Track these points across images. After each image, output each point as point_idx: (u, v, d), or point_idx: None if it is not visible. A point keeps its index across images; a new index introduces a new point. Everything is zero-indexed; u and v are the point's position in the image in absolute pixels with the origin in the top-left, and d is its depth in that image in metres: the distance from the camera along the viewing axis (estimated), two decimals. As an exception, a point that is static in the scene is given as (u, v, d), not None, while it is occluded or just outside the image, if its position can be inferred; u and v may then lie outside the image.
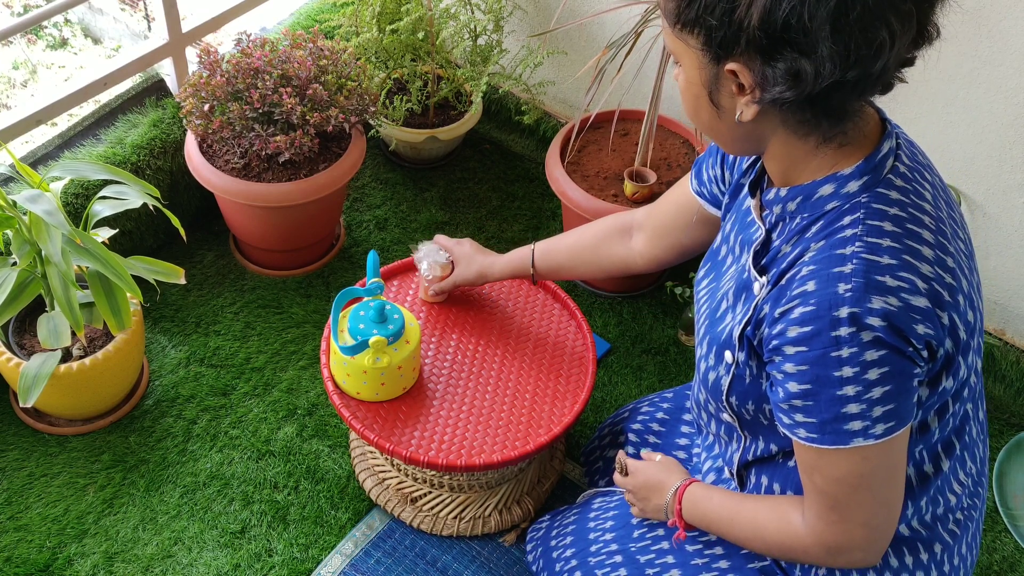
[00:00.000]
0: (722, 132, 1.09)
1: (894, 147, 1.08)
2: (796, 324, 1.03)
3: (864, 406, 1.03)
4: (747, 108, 1.02)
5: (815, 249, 1.05)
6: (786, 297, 1.05)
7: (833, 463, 1.07)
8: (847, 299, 1.00)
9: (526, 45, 2.50)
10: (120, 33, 3.88)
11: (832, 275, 1.02)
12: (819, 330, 1.01)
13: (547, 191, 2.47)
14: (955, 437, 1.20)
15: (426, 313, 1.86)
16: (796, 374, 1.05)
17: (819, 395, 1.04)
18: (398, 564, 1.79)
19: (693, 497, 1.32)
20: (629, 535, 1.43)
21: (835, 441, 1.05)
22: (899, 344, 1.00)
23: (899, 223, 1.04)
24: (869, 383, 1.02)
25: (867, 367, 1.01)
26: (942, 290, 1.04)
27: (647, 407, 1.68)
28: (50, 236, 1.56)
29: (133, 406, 1.99)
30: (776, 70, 0.96)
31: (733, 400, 1.22)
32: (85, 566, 1.75)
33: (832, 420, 1.04)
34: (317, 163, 2.11)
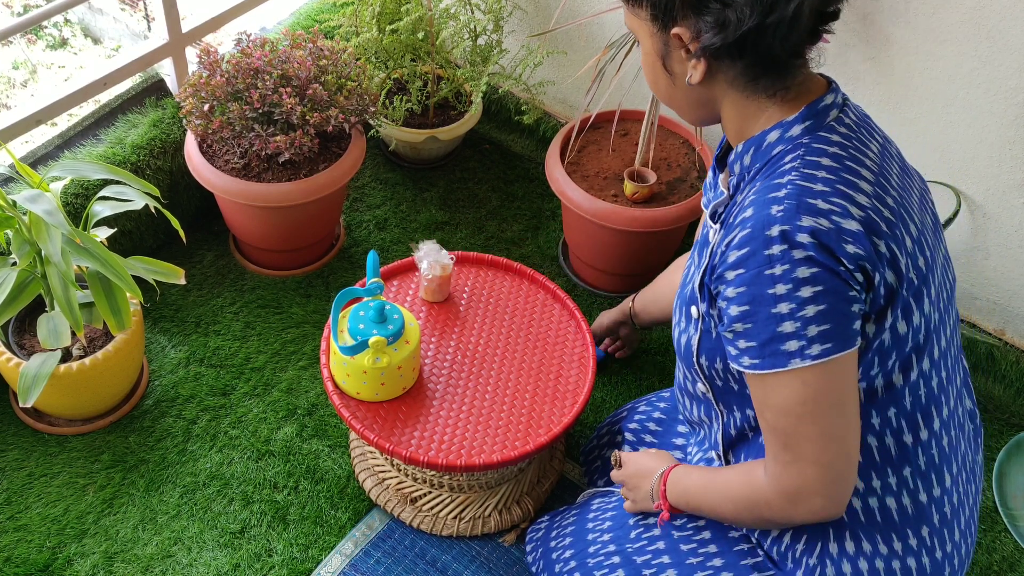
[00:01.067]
0: (679, 99, 1.19)
1: (839, 103, 1.16)
2: (735, 248, 1.09)
3: (799, 324, 1.06)
4: (695, 70, 1.13)
5: (760, 185, 1.13)
6: (731, 230, 1.12)
7: (776, 391, 1.10)
8: (778, 218, 1.06)
9: (526, 45, 2.50)
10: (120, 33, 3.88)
11: (768, 200, 1.09)
12: (754, 250, 1.07)
13: (547, 191, 2.47)
14: (934, 407, 1.20)
15: (426, 313, 1.86)
16: (735, 297, 1.10)
17: (756, 315, 1.08)
18: (398, 564, 1.79)
19: (675, 477, 1.35)
20: (626, 535, 1.43)
21: (774, 364, 1.08)
22: (830, 263, 1.05)
23: (838, 160, 1.11)
24: (802, 300, 1.05)
25: (800, 284, 1.05)
26: (878, 219, 1.09)
27: (644, 406, 1.68)
28: (50, 236, 1.56)
29: (133, 406, 1.99)
30: (706, 22, 1.08)
31: (703, 361, 1.25)
32: (85, 566, 1.75)
33: (769, 340, 1.08)
34: (317, 163, 2.11)
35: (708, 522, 1.37)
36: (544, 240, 2.42)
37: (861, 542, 1.22)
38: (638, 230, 2.09)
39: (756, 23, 1.05)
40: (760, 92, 1.14)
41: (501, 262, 1.95)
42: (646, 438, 1.62)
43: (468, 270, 1.94)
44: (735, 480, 1.24)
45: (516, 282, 1.94)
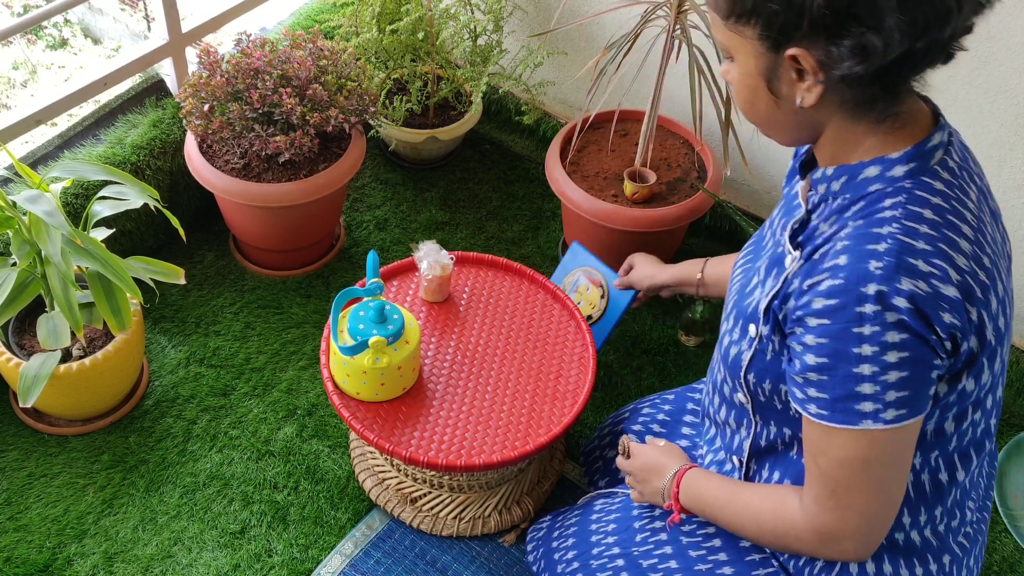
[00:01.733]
0: (780, 122, 1.09)
1: (945, 142, 1.08)
2: (822, 296, 1.03)
3: (878, 388, 1.02)
4: (809, 93, 1.02)
5: (852, 227, 1.05)
6: (816, 271, 1.06)
7: (839, 444, 1.07)
8: (876, 276, 1.00)
9: (526, 45, 2.50)
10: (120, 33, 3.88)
11: (865, 251, 1.01)
12: (844, 304, 1.01)
13: (547, 191, 2.47)
14: (973, 449, 1.19)
15: (426, 313, 1.86)
16: (815, 347, 1.04)
17: (835, 370, 1.03)
18: (398, 564, 1.79)
19: (691, 480, 1.32)
20: (631, 538, 1.42)
21: (844, 420, 1.05)
22: (923, 331, 1.00)
23: (940, 213, 1.04)
24: (886, 365, 1.01)
25: (887, 348, 1.00)
26: (975, 285, 1.03)
27: (648, 408, 1.67)
28: (50, 236, 1.56)
29: (133, 406, 1.99)
30: (842, 48, 0.96)
31: (751, 377, 1.21)
32: (85, 566, 1.75)
33: (844, 398, 1.04)
34: (317, 163, 2.11)
35: (718, 529, 1.35)
36: (544, 240, 2.42)
37: (883, 564, 1.21)
38: (638, 230, 2.09)
39: (904, 50, 0.95)
40: (870, 118, 1.05)
41: (501, 262, 1.95)
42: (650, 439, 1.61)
43: (468, 270, 1.94)
44: (763, 504, 1.21)
45: (516, 282, 1.94)
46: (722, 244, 2.44)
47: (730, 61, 1.08)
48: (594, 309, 1.93)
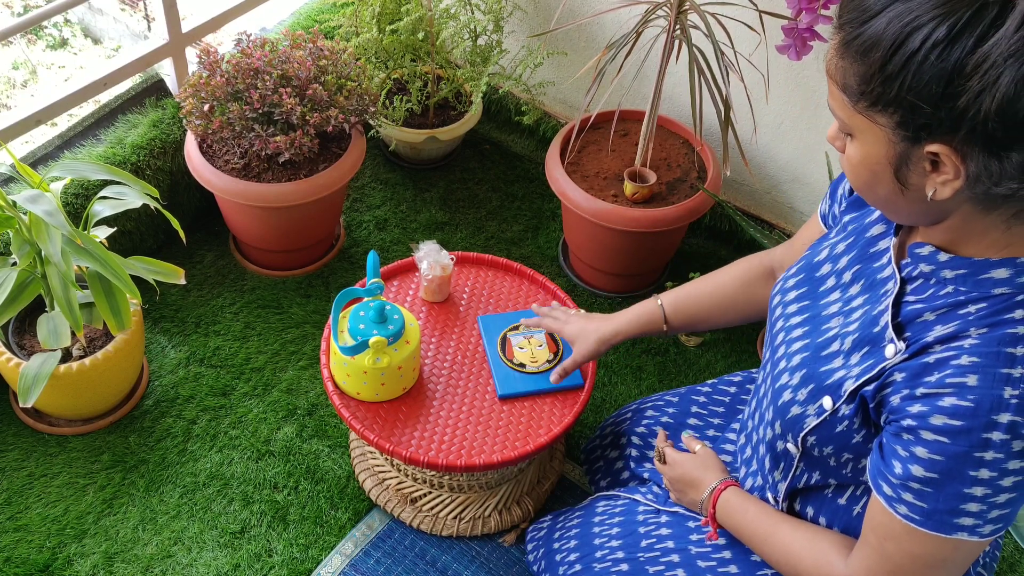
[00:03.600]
0: (900, 207, 1.00)
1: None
2: (946, 415, 0.97)
3: (984, 507, 0.99)
4: (944, 187, 0.93)
5: (977, 336, 0.97)
6: (935, 379, 0.98)
7: (921, 543, 1.03)
8: (1012, 406, 0.94)
9: (526, 45, 2.50)
10: (120, 33, 3.88)
11: (999, 376, 0.95)
12: (971, 428, 0.95)
13: (547, 191, 2.47)
14: None
15: (426, 313, 1.86)
16: (927, 461, 0.99)
17: (944, 487, 0.99)
18: (398, 564, 1.79)
19: (728, 505, 1.30)
20: (637, 543, 1.41)
21: (937, 529, 1.01)
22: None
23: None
24: (1000, 489, 0.97)
25: (1006, 475, 0.97)
26: None
27: (651, 411, 1.66)
28: (50, 236, 1.56)
29: (133, 406, 1.99)
30: (1008, 162, 0.87)
31: (811, 439, 1.15)
32: (85, 566, 1.75)
33: (946, 512, 1.00)
34: (317, 163, 2.11)
35: (729, 540, 1.34)
36: (544, 240, 2.42)
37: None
38: (638, 230, 2.09)
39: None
40: (1002, 213, 0.95)
41: (501, 262, 1.95)
42: (654, 442, 1.60)
43: (468, 270, 1.94)
44: (802, 551, 1.19)
45: (516, 282, 1.94)
46: (722, 244, 2.44)
47: (848, 137, 0.98)
48: (535, 364, 1.76)
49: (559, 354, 1.78)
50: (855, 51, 0.91)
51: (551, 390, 1.74)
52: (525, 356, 1.77)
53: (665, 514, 1.43)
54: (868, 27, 0.90)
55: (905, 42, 0.87)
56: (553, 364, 1.76)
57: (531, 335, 1.80)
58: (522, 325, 1.82)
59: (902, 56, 0.88)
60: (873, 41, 0.89)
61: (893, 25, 0.88)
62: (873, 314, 1.09)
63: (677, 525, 1.40)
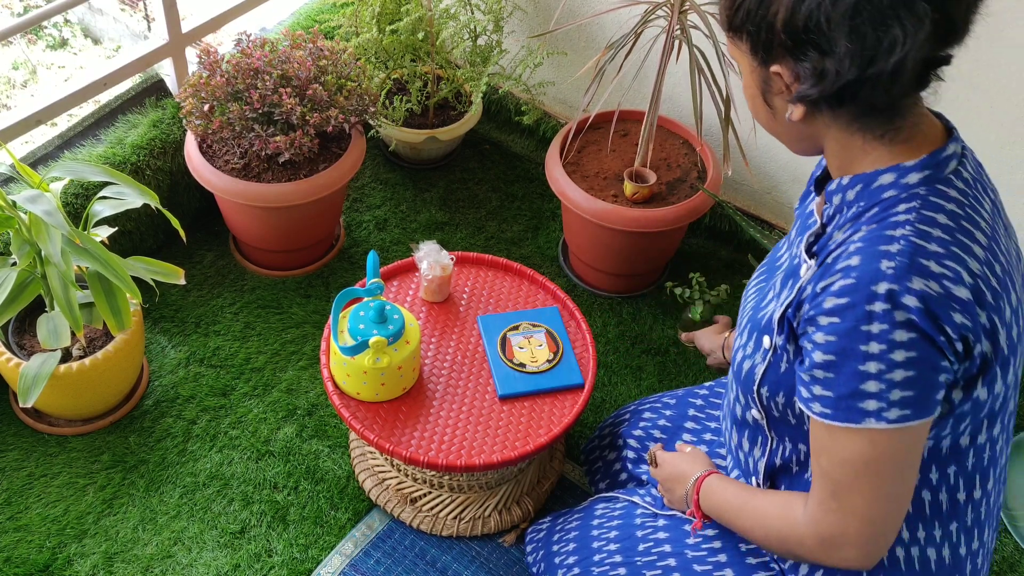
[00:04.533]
0: (780, 132, 1.15)
1: (959, 153, 1.09)
2: (834, 295, 1.05)
3: (883, 386, 1.03)
4: (796, 108, 1.07)
5: (866, 230, 1.07)
6: (830, 272, 1.07)
7: (841, 443, 1.07)
8: (888, 275, 1.01)
9: (526, 45, 2.50)
10: (120, 33, 3.88)
11: (878, 252, 1.03)
12: (855, 303, 1.03)
13: (547, 191, 2.47)
14: (992, 468, 1.19)
15: (426, 313, 1.86)
16: (824, 344, 1.06)
17: (841, 367, 1.04)
18: (398, 564, 1.79)
19: (710, 487, 1.33)
20: (634, 547, 1.42)
21: (847, 418, 1.05)
22: (931, 331, 1.01)
23: (953, 219, 1.05)
24: (893, 364, 1.02)
25: (894, 347, 1.01)
26: (986, 290, 1.04)
27: (649, 412, 1.67)
28: (50, 236, 1.56)
29: (133, 406, 1.99)
30: (804, 69, 1.02)
31: (764, 391, 1.21)
32: (85, 566, 1.75)
33: (848, 396, 1.04)
34: (317, 163, 2.11)
35: (724, 544, 1.35)
36: (544, 240, 2.42)
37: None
38: (638, 230, 2.09)
39: (855, 76, 1.00)
40: (866, 132, 1.08)
41: (501, 262, 1.95)
42: (651, 444, 1.60)
43: (468, 270, 1.94)
44: (772, 510, 1.21)
45: (516, 282, 1.94)
46: (722, 244, 2.44)
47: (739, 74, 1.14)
48: (535, 364, 1.78)
49: (559, 354, 1.78)
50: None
51: (551, 390, 1.74)
52: (525, 356, 1.77)
53: (662, 518, 1.43)
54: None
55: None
56: (553, 364, 1.77)
57: (531, 335, 1.81)
58: (522, 325, 1.82)
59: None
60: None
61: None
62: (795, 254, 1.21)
63: (674, 529, 1.40)
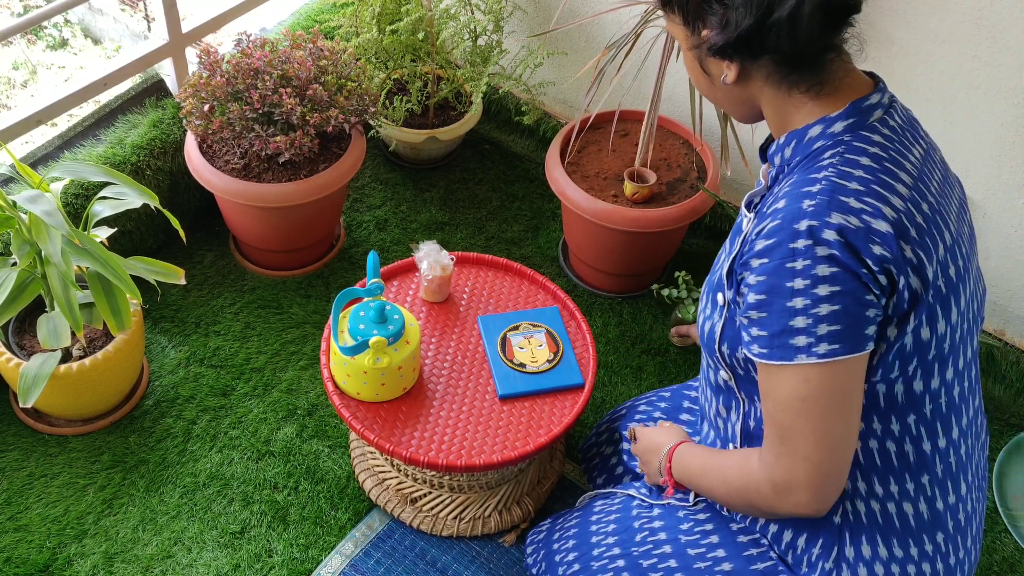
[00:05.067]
0: (720, 98, 1.22)
1: (885, 104, 1.15)
2: (763, 238, 1.10)
3: (810, 321, 1.07)
4: (729, 71, 1.15)
5: (797, 177, 1.13)
6: (762, 219, 1.14)
7: (779, 383, 1.11)
8: (808, 213, 1.07)
9: (526, 46, 2.50)
10: (120, 33, 3.88)
11: (801, 193, 1.10)
12: (780, 241, 1.08)
13: (547, 191, 2.47)
14: (953, 414, 1.21)
15: (426, 313, 1.86)
16: (756, 284, 1.11)
17: (771, 305, 1.09)
18: (398, 564, 1.79)
19: (681, 454, 1.37)
20: (631, 538, 1.43)
21: (781, 356, 1.10)
22: (852, 264, 1.05)
23: (877, 160, 1.11)
24: (818, 298, 1.06)
25: (818, 281, 1.06)
26: (909, 224, 1.10)
27: (644, 406, 1.68)
28: (50, 237, 1.56)
29: (133, 406, 1.99)
30: (711, 23, 1.12)
31: (724, 348, 1.25)
32: (85, 566, 1.75)
33: (780, 333, 1.09)
34: (317, 163, 2.11)
35: (716, 526, 1.37)
36: (544, 240, 2.42)
37: (878, 546, 1.22)
38: (638, 230, 2.09)
39: (755, 23, 1.07)
40: (795, 89, 1.15)
41: (501, 262, 1.95)
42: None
43: (468, 270, 1.94)
44: (732, 466, 1.25)
45: (516, 282, 1.94)
46: (722, 244, 2.44)
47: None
48: (535, 364, 1.78)
49: (559, 354, 1.78)
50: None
51: (551, 390, 1.74)
52: (525, 356, 1.78)
53: (657, 507, 1.45)
54: None
55: None
56: (553, 364, 1.77)
57: (531, 335, 1.81)
58: (522, 325, 1.82)
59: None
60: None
61: None
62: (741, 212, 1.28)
63: (668, 517, 1.42)
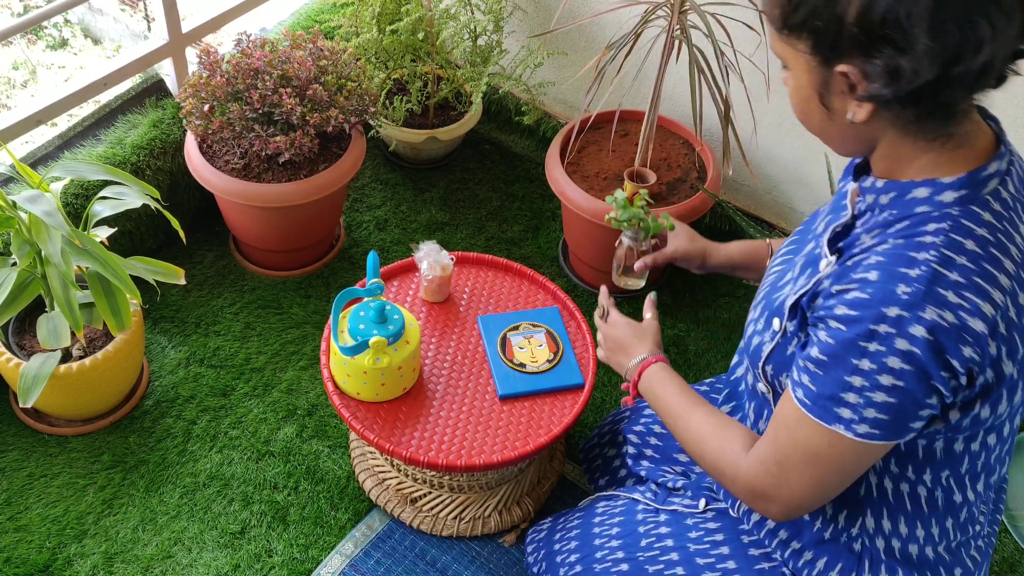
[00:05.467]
0: (833, 134, 1.09)
1: (1003, 171, 1.05)
2: (846, 305, 1.04)
3: (861, 401, 1.03)
4: (860, 108, 1.01)
5: (891, 244, 1.04)
6: (847, 278, 1.06)
7: (805, 431, 1.09)
8: (901, 300, 0.99)
9: (526, 46, 2.50)
10: (120, 33, 3.88)
11: (897, 273, 1.01)
12: (862, 318, 1.01)
13: (547, 192, 2.47)
14: (985, 472, 1.20)
15: (426, 313, 1.86)
16: (823, 344, 1.06)
17: (831, 370, 1.05)
18: (398, 564, 1.79)
19: (653, 376, 1.37)
20: (636, 543, 1.42)
21: (819, 415, 1.07)
22: (931, 367, 0.99)
23: (982, 245, 1.02)
24: (877, 385, 1.02)
25: (884, 371, 1.01)
26: (1003, 321, 1.02)
27: (649, 410, 1.67)
28: (50, 237, 1.56)
29: (133, 407, 1.99)
30: (875, 67, 0.96)
31: (769, 369, 1.22)
32: (85, 566, 1.74)
33: (828, 397, 1.06)
34: (317, 163, 2.11)
35: (727, 536, 1.36)
36: (544, 240, 2.42)
37: None
38: (638, 230, 2.09)
39: (936, 75, 0.94)
40: (920, 136, 1.03)
41: (501, 262, 1.95)
42: (651, 440, 1.60)
43: (468, 270, 1.94)
44: (711, 437, 1.25)
45: (516, 282, 1.94)
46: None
47: (787, 70, 1.07)
48: (535, 364, 1.78)
49: (559, 354, 1.78)
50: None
51: (551, 390, 1.74)
52: (525, 356, 1.77)
53: (664, 513, 1.44)
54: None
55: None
56: (553, 364, 1.77)
57: (531, 335, 1.81)
58: (522, 325, 1.82)
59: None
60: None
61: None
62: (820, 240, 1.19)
63: (676, 524, 1.41)
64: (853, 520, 1.23)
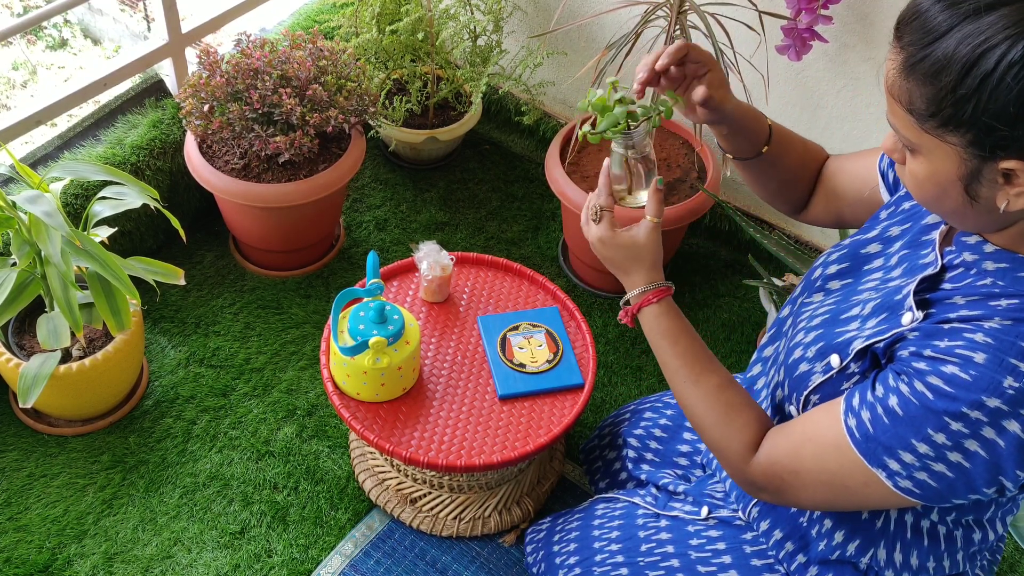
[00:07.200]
0: (967, 218, 0.99)
1: None
2: (943, 379, 0.97)
3: (917, 464, 0.99)
4: (1018, 199, 0.92)
5: (999, 324, 0.97)
6: (944, 346, 0.99)
7: (839, 460, 1.05)
8: (1006, 395, 0.94)
9: (526, 46, 2.50)
10: (120, 34, 3.88)
11: (1007, 364, 0.94)
12: (957, 397, 0.96)
13: (547, 192, 2.47)
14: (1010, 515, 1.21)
15: (426, 313, 1.86)
16: (903, 399, 1.00)
17: (899, 426, 0.99)
18: (398, 565, 1.79)
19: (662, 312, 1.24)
20: (636, 547, 1.41)
21: (866, 455, 1.02)
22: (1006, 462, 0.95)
23: None
24: (942, 458, 0.97)
25: (957, 449, 0.96)
26: None
27: (650, 412, 1.66)
28: (49, 237, 1.56)
29: (133, 407, 1.99)
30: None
31: (814, 398, 1.15)
32: (85, 567, 1.74)
33: (883, 445, 1.01)
34: (317, 164, 2.11)
35: (729, 545, 1.35)
36: (544, 240, 2.42)
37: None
38: (638, 230, 2.09)
39: None
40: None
41: (501, 262, 1.95)
42: (651, 444, 1.60)
43: (468, 270, 1.94)
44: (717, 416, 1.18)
45: (516, 282, 1.94)
46: (722, 244, 2.44)
47: (910, 152, 0.98)
48: (535, 364, 1.78)
49: (559, 354, 1.78)
50: (922, 73, 0.90)
51: (551, 390, 1.74)
52: (525, 356, 1.78)
53: (664, 518, 1.43)
54: (935, 48, 0.89)
55: (978, 63, 0.86)
56: (553, 364, 1.77)
57: (531, 335, 1.81)
58: (522, 325, 1.82)
59: (975, 78, 0.87)
60: (943, 63, 0.88)
61: (964, 46, 0.87)
62: (901, 286, 1.10)
63: (676, 529, 1.40)
64: (864, 550, 1.21)
